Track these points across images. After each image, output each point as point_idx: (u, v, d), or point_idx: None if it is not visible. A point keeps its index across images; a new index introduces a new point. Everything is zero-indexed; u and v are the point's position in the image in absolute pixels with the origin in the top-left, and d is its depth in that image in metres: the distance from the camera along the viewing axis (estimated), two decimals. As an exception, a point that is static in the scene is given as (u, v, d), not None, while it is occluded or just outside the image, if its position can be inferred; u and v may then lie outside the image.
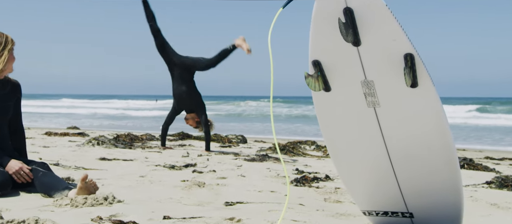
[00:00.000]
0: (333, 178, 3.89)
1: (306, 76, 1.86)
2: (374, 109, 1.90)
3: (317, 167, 4.63)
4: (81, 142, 6.20)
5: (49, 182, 2.80)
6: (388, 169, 2.05)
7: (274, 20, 1.72)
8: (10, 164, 2.83)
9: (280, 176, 3.99)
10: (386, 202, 2.18)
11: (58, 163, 4.13)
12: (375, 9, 1.66)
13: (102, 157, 4.70)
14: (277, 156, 5.45)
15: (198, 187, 3.25)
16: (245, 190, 3.26)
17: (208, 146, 5.73)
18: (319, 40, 1.80)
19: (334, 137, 2.07)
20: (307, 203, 2.86)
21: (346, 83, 1.88)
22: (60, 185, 2.77)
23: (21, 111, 3.18)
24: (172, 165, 4.34)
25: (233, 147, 6.50)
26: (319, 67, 1.86)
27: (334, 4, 1.69)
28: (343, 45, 1.76)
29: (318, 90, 1.90)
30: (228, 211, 2.52)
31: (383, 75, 1.80)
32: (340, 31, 1.71)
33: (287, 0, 1.71)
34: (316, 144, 6.70)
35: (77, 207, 2.44)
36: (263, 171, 4.27)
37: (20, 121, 3.16)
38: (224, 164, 4.67)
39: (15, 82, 3.11)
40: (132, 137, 6.71)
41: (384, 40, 1.71)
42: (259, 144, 7.31)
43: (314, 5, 1.72)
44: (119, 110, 25.24)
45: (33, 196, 2.69)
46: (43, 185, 2.79)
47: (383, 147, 1.99)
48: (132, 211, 2.38)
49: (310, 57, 1.86)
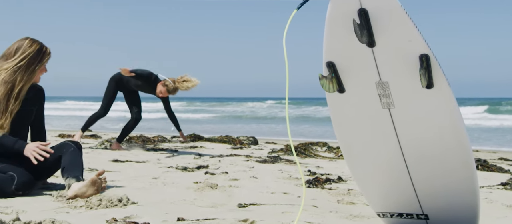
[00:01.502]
0: (345, 180, 3.87)
1: (320, 77, 1.86)
2: (388, 110, 1.89)
3: (329, 169, 4.62)
4: (94, 144, 6.25)
5: (69, 161, 2.83)
6: (403, 170, 2.04)
7: (288, 22, 1.72)
8: (27, 147, 2.83)
9: (292, 177, 3.98)
10: (401, 203, 2.17)
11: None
12: (390, 10, 1.65)
13: (115, 159, 4.73)
14: (289, 157, 5.44)
15: (211, 189, 3.26)
16: (258, 191, 3.26)
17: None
18: (333, 41, 1.80)
19: (348, 138, 2.06)
20: (320, 204, 2.86)
21: (360, 85, 1.87)
22: (74, 171, 2.80)
23: (44, 116, 3.21)
24: (184, 166, 4.36)
25: (244, 149, 6.50)
26: (333, 68, 1.86)
27: (348, 5, 1.68)
28: (358, 46, 1.76)
29: (332, 92, 1.89)
30: (241, 212, 2.52)
31: (398, 76, 1.79)
32: (354, 32, 1.70)
33: (302, 2, 1.71)
34: (328, 145, 6.68)
35: (92, 209, 2.46)
36: (275, 172, 4.27)
37: (43, 126, 3.21)
38: (236, 165, 4.67)
39: (39, 88, 3.12)
40: (144, 139, 6.75)
41: (399, 41, 1.70)
42: (271, 145, 7.30)
43: (328, 6, 1.72)
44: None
45: (48, 198, 2.72)
46: (64, 161, 2.85)
47: (397, 148, 1.98)
48: (146, 213, 2.39)
49: (324, 59, 1.85)
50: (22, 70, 2.88)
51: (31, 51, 2.91)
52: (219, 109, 34.18)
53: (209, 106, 39.38)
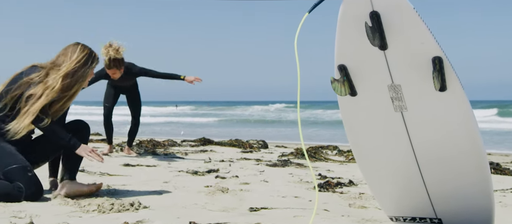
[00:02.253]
0: (357, 183, 3.85)
1: (332, 80, 1.86)
2: (401, 113, 1.88)
3: (340, 172, 4.60)
4: (105, 148, 6.28)
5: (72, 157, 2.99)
6: (416, 174, 2.03)
7: (300, 25, 1.71)
8: (83, 147, 2.92)
9: (303, 181, 3.97)
10: (414, 207, 2.15)
11: (83, 169, 4.19)
12: (402, 12, 1.65)
13: (126, 163, 4.75)
14: (300, 161, 5.43)
15: (222, 193, 3.26)
16: (269, 195, 3.26)
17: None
18: (345, 44, 1.79)
19: (360, 142, 2.05)
20: (332, 208, 2.84)
21: (372, 88, 1.86)
22: (73, 170, 3.02)
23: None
24: (195, 170, 4.36)
25: (254, 152, 6.50)
26: (345, 71, 1.85)
27: (360, 8, 1.68)
28: (370, 49, 1.75)
29: (344, 95, 1.89)
30: (253, 216, 2.52)
31: (410, 79, 1.78)
32: (366, 35, 1.70)
33: (313, 5, 1.71)
34: (338, 149, 6.65)
35: (104, 213, 2.47)
36: (285, 176, 4.26)
37: (65, 119, 3.31)
38: (246, 169, 4.67)
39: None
40: (155, 143, 6.77)
41: (412, 44, 1.70)
42: (280, 149, 7.29)
43: (339, 9, 1.71)
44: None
45: (61, 201, 2.73)
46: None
47: (410, 152, 1.97)
48: (158, 217, 2.40)
49: (336, 62, 1.85)
50: (78, 72, 2.97)
51: (84, 55, 3.02)
52: (226, 112, 34.28)
53: (215, 110, 39.47)
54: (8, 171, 2.75)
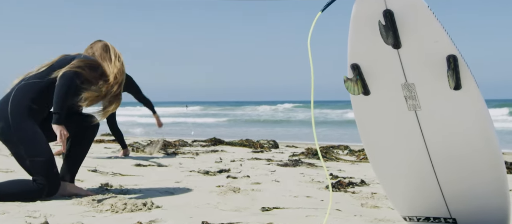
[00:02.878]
0: (368, 183, 3.84)
1: (345, 80, 1.85)
2: (415, 112, 1.87)
3: (351, 172, 4.58)
4: (117, 148, 6.32)
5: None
6: (430, 173, 2.01)
7: (313, 24, 1.71)
8: (60, 127, 2.78)
9: (314, 181, 3.96)
10: (428, 207, 2.13)
11: (95, 169, 4.22)
12: (416, 11, 1.64)
13: (137, 163, 4.78)
14: (311, 161, 5.41)
15: (234, 193, 3.26)
16: (281, 195, 3.25)
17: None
18: (358, 43, 1.78)
19: (373, 141, 2.04)
20: (344, 208, 2.83)
21: (386, 87, 1.85)
22: (74, 172, 3.05)
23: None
24: (206, 170, 4.37)
25: (265, 152, 6.50)
26: (358, 70, 1.84)
27: (373, 7, 1.67)
28: (383, 48, 1.74)
29: (357, 94, 1.88)
30: (265, 216, 2.52)
31: (424, 77, 1.77)
32: (380, 34, 1.69)
33: (326, 4, 1.71)
34: (349, 148, 6.63)
35: (117, 213, 2.48)
36: (297, 176, 4.25)
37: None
38: (257, 169, 4.67)
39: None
40: (166, 143, 6.80)
41: (426, 42, 1.68)
42: (291, 149, 7.28)
43: (352, 8, 1.71)
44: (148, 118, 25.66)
45: (75, 201, 2.75)
46: (75, 150, 3.03)
47: (424, 151, 1.95)
48: (171, 217, 2.40)
49: (348, 61, 1.84)
50: (121, 72, 3.02)
51: (119, 54, 3.08)
52: (234, 112, 34.30)
53: (224, 110, 39.48)
54: (35, 162, 2.73)
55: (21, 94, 2.80)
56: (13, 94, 2.81)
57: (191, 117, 27.51)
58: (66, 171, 3.00)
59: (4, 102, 2.80)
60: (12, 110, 2.75)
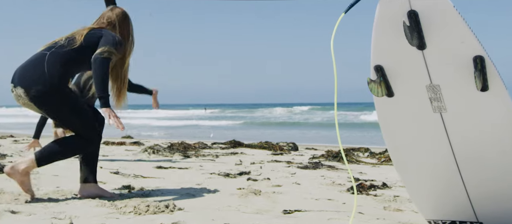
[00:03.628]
0: (390, 186, 3.79)
1: (368, 81, 1.83)
2: (440, 114, 1.84)
3: (373, 175, 4.54)
4: (137, 150, 6.39)
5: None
6: (456, 176, 1.98)
7: (336, 25, 1.70)
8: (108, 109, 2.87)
9: (335, 183, 3.93)
10: (454, 210, 2.10)
11: (117, 171, 4.27)
12: (441, 11, 1.61)
13: (158, 166, 4.82)
14: (331, 163, 5.38)
15: (255, 195, 3.26)
16: (302, 198, 3.24)
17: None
18: (381, 44, 1.77)
19: (397, 143, 2.01)
20: (366, 211, 2.80)
21: (410, 88, 1.83)
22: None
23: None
24: (226, 173, 4.38)
25: (285, 155, 6.48)
26: (382, 72, 1.83)
27: (397, 7, 1.65)
28: (407, 49, 1.72)
29: (380, 96, 1.86)
30: (287, 219, 2.51)
31: (450, 79, 1.74)
32: (404, 35, 1.67)
33: (349, 5, 1.69)
34: (369, 151, 6.57)
35: (140, 215, 2.50)
36: (317, 178, 4.23)
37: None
38: (277, 172, 4.66)
39: None
40: (186, 146, 6.84)
41: (452, 43, 1.66)
42: (311, 151, 7.25)
43: (376, 9, 1.69)
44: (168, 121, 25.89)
45: (99, 202, 2.79)
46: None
47: (450, 153, 1.92)
48: (193, 219, 2.41)
49: (372, 62, 1.83)
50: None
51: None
52: (250, 115, 34.35)
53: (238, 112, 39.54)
54: (82, 120, 2.91)
55: (55, 59, 2.84)
56: (47, 58, 2.83)
57: (209, 120, 27.62)
58: (89, 172, 3.02)
59: (38, 66, 2.82)
60: (50, 73, 2.79)
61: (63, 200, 2.86)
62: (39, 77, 2.77)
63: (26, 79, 2.78)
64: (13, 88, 2.84)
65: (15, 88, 2.82)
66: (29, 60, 2.87)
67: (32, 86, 2.76)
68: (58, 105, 2.83)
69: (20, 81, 2.79)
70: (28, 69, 2.82)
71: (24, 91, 2.77)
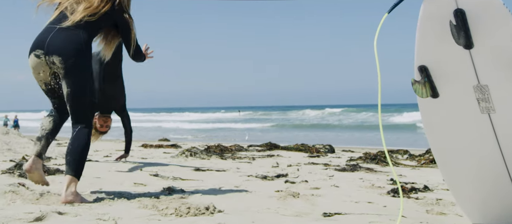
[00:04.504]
0: (432, 189, 3.70)
1: (413, 82, 1.79)
2: (488, 115, 1.78)
3: (413, 177, 4.44)
4: (175, 153, 6.47)
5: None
6: (504, 178, 1.91)
7: (379, 26, 1.67)
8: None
9: (375, 186, 3.87)
10: (502, 214, 2.03)
11: (157, 174, 4.34)
12: (490, 9, 1.56)
13: (196, 168, 4.87)
14: (369, 165, 5.30)
15: (293, 198, 3.24)
16: (341, 200, 3.20)
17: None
18: (426, 44, 1.73)
19: (442, 145, 1.96)
20: (409, 215, 2.74)
21: (456, 89, 1.78)
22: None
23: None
24: (264, 175, 4.38)
25: (321, 157, 6.43)
26: (426, 72, 1.78)
27: (443, 6, 1.61)
28: (453, 48, 1.68)
29: (425, 97, 1.82)
30: (327, 222, 2.49)
31: (499, 79, 1.68)
32: (451, 34, 1.63)
33: (393, 5, 1.66)
34: (409, 153, 6.44)
35: (181, 217, 2.53)
36: (356, 181, 4.18)
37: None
38: (315, 174, 4.63)
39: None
40: (222, 148, 6.89)
41: (501, 42, 1.60)
42: (347, 153, 7.18)
43: (421, 8, 1.66)
44: (202, 124, 26.14)
45: (141, 204, 2.84)
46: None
47: (498, 155, 1.86)
48: (233, 221, 2.42)
49: (416, 63, 1.79)
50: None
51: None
52: (282, 117, 34.27)
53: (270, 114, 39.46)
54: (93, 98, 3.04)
55: (86, 37, 3.01)
56: (81, 34, 2.98)
57: (242, 122, 27.72)
58: (45, 148, 3.09)
59: (74, 40, 2.95)
60: (85, 48, 2.98)
61: (106, 201, 2.92)
62: (78, 50, 2.92)
63: (66, 49, 2.90)
64: (42, 55, 2.92)
65: (48, 55, 2.91)
66: (65, 34, 2.95)
67: (73, 56, 2.90)
68: (82, 78, 2.95)
69: (58, 50, 2.90)
70: (66, 41, 2.93)
71: (62, 59, 2.89)
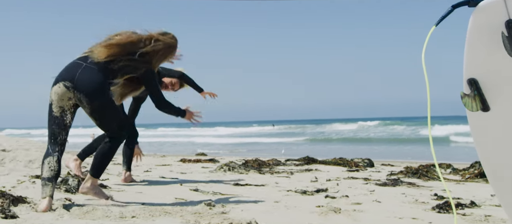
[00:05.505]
0: (479, 205, 3.57)
1: (462, 95, 1.75)
2: (543, 128, 1.71)
3: (458, 192, 4.30)
4: (213, 168, 6.52)
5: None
6: (562, 196, 1.82)
7: (427, 38, 1.64)
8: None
9: (418, 202, 3.77)
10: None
11: (197, 189, 4.37)
12: (544, 19, 1.51)
13: (235, 183, 4.88)
14: (411, 180, 5.18)
15: (335, 213, 3.20)
16: (384, 216, 3.14)
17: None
18: (476, 56, 1.68)
19: (494, 160, 1.89)
20: (457, 231, 2.66)
21: (508, 102, 1.72)
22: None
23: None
24: (303, 190, 4.34)
25: (360, 171, 6.33)
26: (476, 85, 1.73)
27: (494, 17, 1.57)
28: (505, 60, 1.62)
29: (475, 110, 1.76)
30: (372, 239, 2.43)
31: (555, 90, 1.62)
32: (503, 46, 1.58)
33: (441, 17, 1.63)
34: (452, 167, 6.25)
35: (224, 232, 2.54)
36: (398, 196, 4.08)
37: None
38: (355, 189, 4.55)
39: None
40: (260, 163, 6.88)
41: (557, 52, 1.54)
42: (387, 167, 7.03)
43: (470, 19, 1.62)
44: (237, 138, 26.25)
45: (183, 219, 2.86)
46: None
47: (555, 171, 1.77)
48: (276, 237, 2.41)
49: (465, 75, 1.74)
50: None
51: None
52: (315, 131, 34.01)
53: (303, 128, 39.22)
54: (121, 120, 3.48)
55: (107, 75, 3.33)
56: (103, 73, 3.30)
57: (276, 136, 27.65)
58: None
59: (98, 79, 3.26)
60: (106, 87, 3.31)
61: (149, 216, 2.96)
62: (101, 91, 3.25)
63: (91, 90, 3.22)
64: (72, 88, 3.21)
65: (76, 92, 3.21)
66: (90, 71, 3.26)
67: (97, 99, 3.24)
68: (106, 113, 3.32)
69: (85, 91, 3.21)
70: (92, 80, 3.23)
71: (88, 101, 3.22)
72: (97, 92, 3.22)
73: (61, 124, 3.23)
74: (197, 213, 3.07)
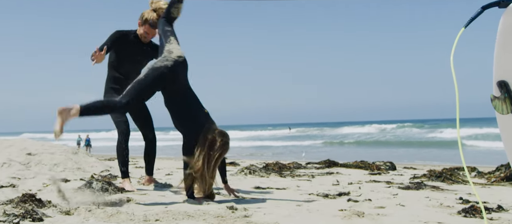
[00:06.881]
0: (507, 209, 3.50)
1: (492, 98, 1.71)
2: None
3: (484, 196, 4.22)
4: (234, 171, 6.52)
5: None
6: None
7: (455, 41, 1.61)
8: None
9: (443, 206, 3.71)
10: None
11: (218, 192, 4.38)
12: None
13: (256, 186, 4.87)
14: (434, 183, 5.10)
15: (358, 217, 3.16)
16: (409, 221, 3.09)
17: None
18: (506, 58, 1.65)
19: (525, 164, 1.85)
20: (485, 237, 2.59)
21: (540, 104, 1.68)
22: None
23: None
24: (325, 193, 4.31)
25: (383, 175, 6.26)
26: (506, 88, 1.70)
27: (525, 18, 1.53)
28: (537, 61, 1.58)
29: (505, 113, 1.73)
30: (398, 243, 2.40)
31: None
32: (535, 47, 1.54)
33: (470, 19, 1.60)
34: (477, 170, 6.13)
35: (247, 236, 2.53)
36: (422, 200, 4.02)
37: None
38: (377, 192, 4.50)
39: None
40: (280, 166, 6.86)
41: None
42: (410, 170, 6.94)
43: (500, 21, 1.58)
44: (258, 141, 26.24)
45: (206, 223, 2.87)
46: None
47: None
48: (300, 241, 2.39)
49: (495, 78, 1.71)
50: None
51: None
52: (333, 133, 33.77)
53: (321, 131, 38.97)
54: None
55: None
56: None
57: (295, 140, 27.57)
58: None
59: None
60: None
61: (172, 220, 2.98)
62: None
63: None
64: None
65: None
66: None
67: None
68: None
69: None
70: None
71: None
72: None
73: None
74: (220, 216, 3.07)
